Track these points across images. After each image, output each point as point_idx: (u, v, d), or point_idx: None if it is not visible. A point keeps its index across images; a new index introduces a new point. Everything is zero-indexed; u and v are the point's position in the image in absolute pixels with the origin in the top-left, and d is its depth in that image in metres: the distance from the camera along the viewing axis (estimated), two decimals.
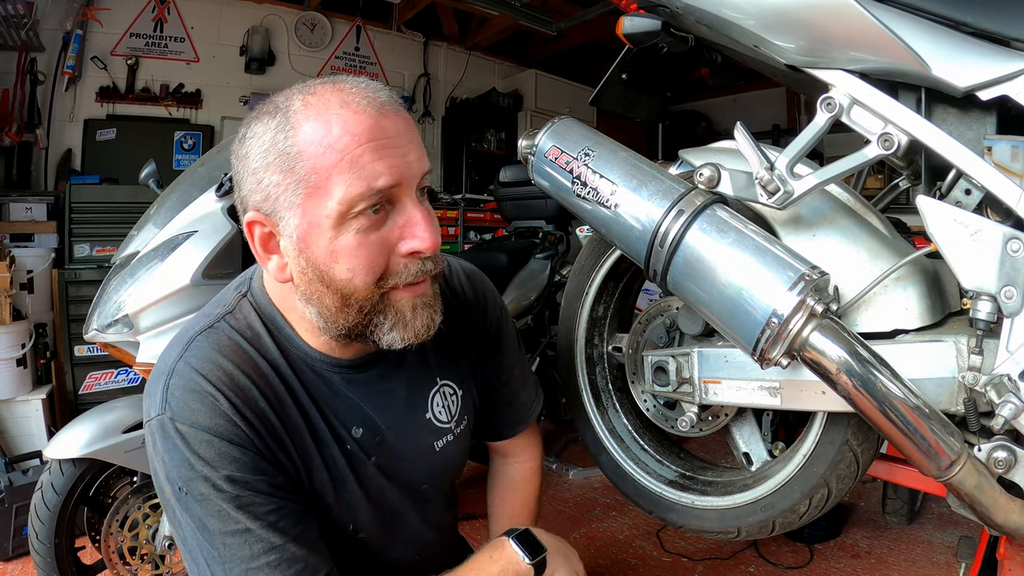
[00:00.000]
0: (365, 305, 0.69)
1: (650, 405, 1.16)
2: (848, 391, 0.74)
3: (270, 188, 0.65)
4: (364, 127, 0.64)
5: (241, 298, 0.78)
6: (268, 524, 0.67)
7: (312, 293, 0.69)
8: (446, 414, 0.88)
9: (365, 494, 0.81)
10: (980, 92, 0.75)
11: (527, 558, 0.80)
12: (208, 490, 0.65)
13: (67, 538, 1.48)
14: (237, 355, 0.72)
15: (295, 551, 0.67)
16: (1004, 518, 0.76)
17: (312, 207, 0.64)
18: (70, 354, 2.89)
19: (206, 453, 0.65)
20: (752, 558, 1.95)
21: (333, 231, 0.65)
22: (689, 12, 0.97)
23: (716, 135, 1.08)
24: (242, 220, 0.70)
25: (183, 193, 1.60)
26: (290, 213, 0.65)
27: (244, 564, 0.65)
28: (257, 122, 0.67)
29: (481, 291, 0.95)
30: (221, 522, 0.65)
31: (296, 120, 0.64)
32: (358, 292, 0.68)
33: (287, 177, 0.64)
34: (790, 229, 0.92)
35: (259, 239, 0.69)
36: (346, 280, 0.67)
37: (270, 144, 0.65)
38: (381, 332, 0.71)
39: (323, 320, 0.71)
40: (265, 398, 0.71)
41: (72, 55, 3.50)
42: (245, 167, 0.67)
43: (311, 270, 0.67)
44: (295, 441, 0.74)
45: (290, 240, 0.67)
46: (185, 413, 0.66)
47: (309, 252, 0.66)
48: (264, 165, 0.65)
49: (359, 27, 4.66)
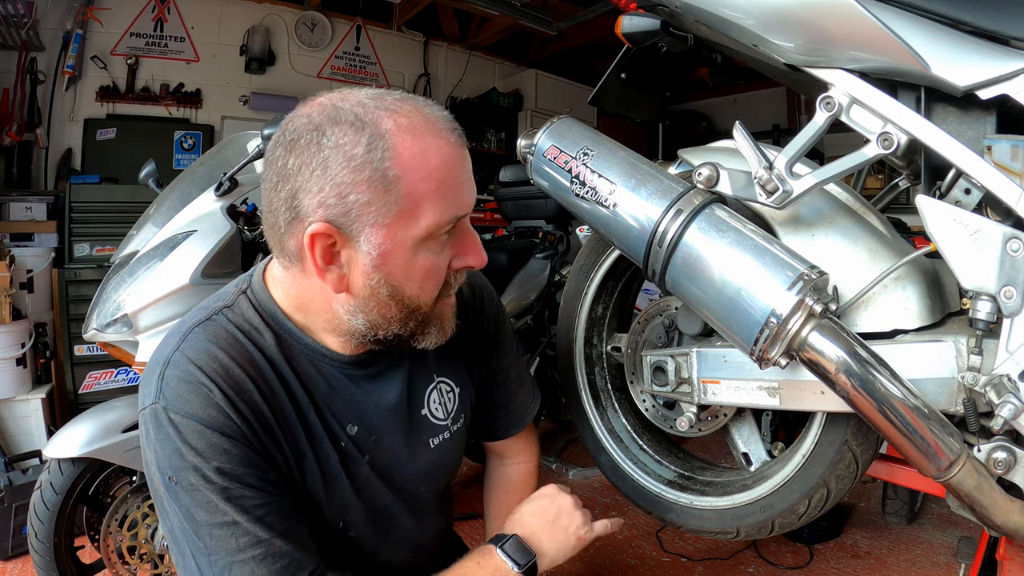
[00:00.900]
0: (424, 317, 0.74)
1: (649, 405, 1.16)
2: (847, 391, 0.73)
3: (355, 205, 0.64)
4: (455, 159, 0.68)
5: (240, 294, 0.78)
6: (256, 518, 0.67)
7: (375, 306, 0.70)
8: (442, 411, 0.89)
9: (356, 493, 0.80)
10: (980, 91, 0.75)
11: (515, 567, 0.79)
12: (197, 480, 0.65)
13: (66, 537, 1.48)
14: (233, 348, 0.72)
15: (281, 546, 0.67)
16: (1004, 519, 0.76)
17: (400, 228, 0.66)
18: (70, 353, 2.88)
19: (197, 443, 0.66)
20: (752, 558, 1.95)
21: (412, 251, 0.68)
22: (688, 11, 0.97)
23: (716, 135, 1.08)
24: (293, 226, 0.66)
25: (183, 193, 1.60)
26: (373, 231, 0.65)
27: (230, 556, 0.65)
28: (336, 131, 0.63)
29: (479, 290, 0.96)
30: (209, 513, 0.65)
31: (394, 142, 0.64)
32: (423, 307, 0.72)
33: (380, 197, 0.64)
34: (789, 229, 0.92)
35: (322, 251, 0.66)
36: (415, 296, 0.71)
37: (363, 160, 0.63)
38: (425, 338, 0.76)
39: (371, 329, 0.72)
40: (260, 392, 0.71)
41: (72, 55, 3.50)
42: (323, 175, 0.63)
43: (386, 287, 0.69)
44: (288, 436, 0.74)
45: (367, 256, 0.67)
46: (179, 403, 0.67)
47: (386, 269, 0.68)
48: (353, 181, 0.63)
49: (359, 27, 4.66)
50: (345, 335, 0.75)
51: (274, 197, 0.67)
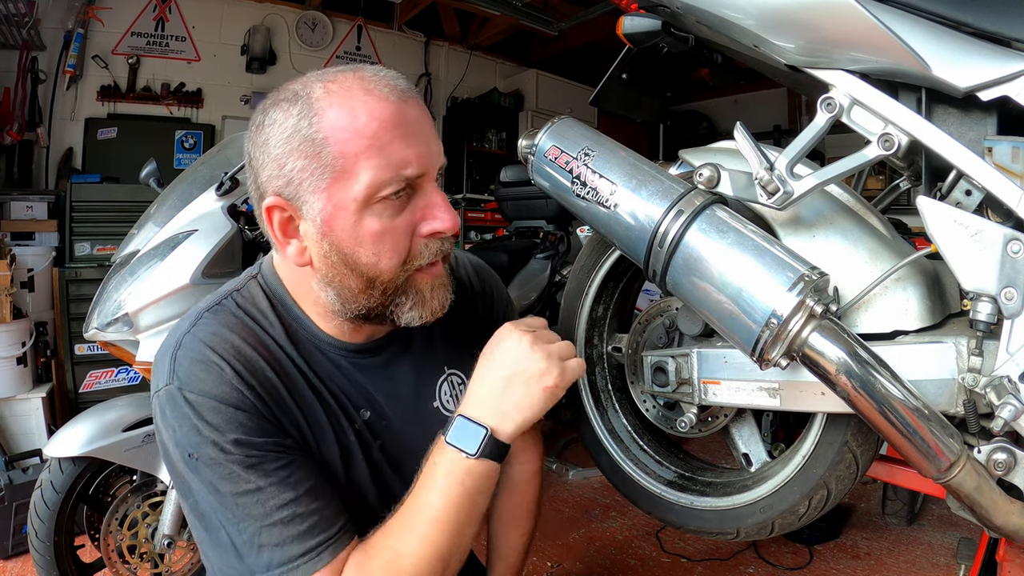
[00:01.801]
0: (389, 287, 0.71)
1: (649, 406, 1.16)
2: (848, 392, 0.73)
3: (293, 173, 0.66)
4: (389, 114, 0.66)
5: (251, 279, 0.80)
6: (278, 480, 0.67)
7: (334, 276, 0.71)
8: (454, 403, 0.89)
9: (371, 477, 0.80)
10: (981, 93, 0.74)
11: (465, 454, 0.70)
12: (217, 454, 0.66)
13: (66, 536, 1.48)
14: (243, 331, 0.73)
15: (308, 504, 0.68)
16: (1003, 520, 0.76)
17: (338, 191, 0.66)
18: (70, 353, 2.89)
19: (213, 419, 0.66)
20: (751, 559, 1.95)
21: (357, 215, 0.67)
22: (689, 12, 0.97)
23: (717, 136, 1.08)
24: (259, 207, 0.71)
25: (183, 192, 1.60)
26: (314, 197, 0.67)
27: (258, 522, 0.66)
28: (275, 109, 0.68)
29: (488, 283, 0.96)
30: (232, 483, 0.66)
31: (320, 106, 0.65)
32: (384, 275, 0.70)
33: (312, 162, 0.65)
34: (790, 230, 0.92)
35: (279, 224, 0.70)
36: (371, 264, 0.69)
37: (293, 130, 0.66)
38: (401, 312, 0.74)
39: (341, 302, 0.72)
40: (273, 370, 0.72)
41: (73, 54, 3.51)
42: (265, 153, 0.68)
43: (335, 253, 0.69)
44: (305, 411, 0.74)
45: (313, 224, 0.68)
46: (192, 382, 0.68)
47: (333, 236, 0.68)
48: (287, 151, 0.66)
49: (360, 26, 4.66)
50: (333, 316, 0.76)
51: (249, 185, 0.72)
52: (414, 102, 0.70)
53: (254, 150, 0.70)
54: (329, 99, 0.66)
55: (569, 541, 2.10)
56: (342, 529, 0.70)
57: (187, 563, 1.63)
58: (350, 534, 0.71)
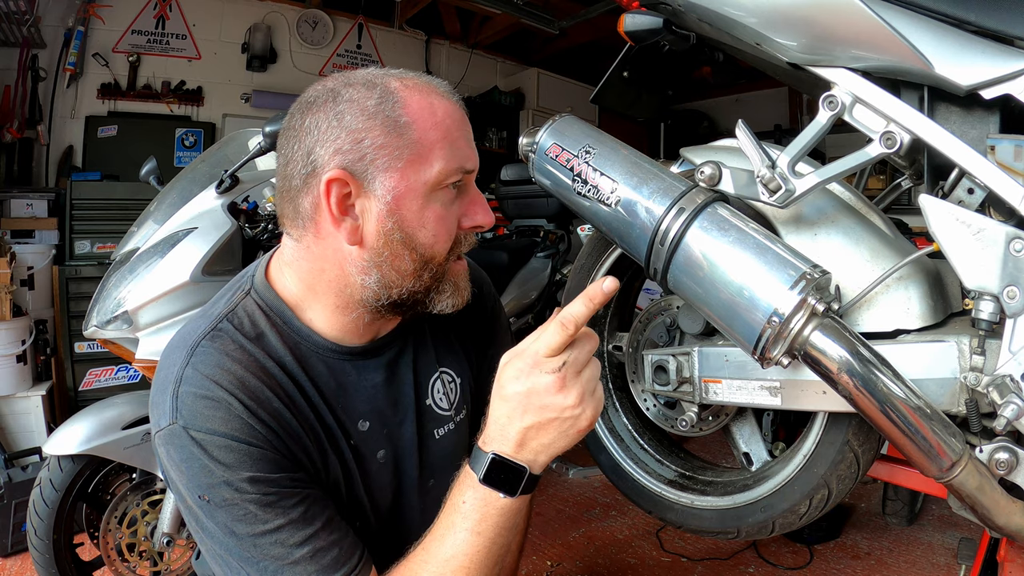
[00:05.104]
0: (438, 271, 0.75)
1: (650, 404, 1.16)
2: (849, 391, 0.73)
3: (369, 149, 0.68)
4: (457, 115, 0.74)
5: (244, 296, 0.77)
6: (297, 517, 0.66)
7: (388, 256, 0.71)
8: (446, 401, 0.88)
9: (368, 492, 0.80)
10: (983, 91, 0.74)
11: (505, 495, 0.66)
12: (232, 494, 0.64)
13: (66, 534, 1.48)
14: (245, 357, 0.71)
15: (327, 539, 0.67)
16: (1005, 520, 0.76)
17: (412, 172, 0.69)
18: (70, 350, 2.89)
19: (225, 458, 0.64)
20: (752, 558, 1.95)
21: (424, 198, 0.71)
22: (691, 10, 0.97)
23: (718, 135, 1.08)
24: (317, 179, 0.68)
25: (183, 190, 1.60)
26: (386, 175, 0.69)
27: (279, 561, 0.65)
28: (351, 90, 0.70)
29: (477, 282, 0.96)
30: (249, 524, 0.65)
31: (403, 95, 0.70)
32: (437, 257, 0.74)
33: (393, 140, 0.68)
34: (791, 228, 0.92)
35: (336, 199, 0.69)
36: (429, 244, 0.72)
37: (376, 109, 0.68)
38: (441, 297, 0.77)
39: (382, 286, 0.73)
40: (279, 398, 0.71)
41: (74, 52, 3.50)
42: (339, 124, 0.68)
43: (398, 231, 0.70)
44: (311, 437, 0.73)
45: (381, 201, 0.69)
46: (199, 420, 0.65)
47: (400, 214, 0.70)
48: (368, 126, 0.68)
49: (361, 25, 4.66)
50: (357, 307, 0.75)
51: (291, 160, 0.71)
52: (465, 112, 0.76)
53: (318, 123, 0.69)
54: (409, 92, 0.70)
55: (569, 540, 2.10)
56: (361, 558, 0.70)
57: (186, 561, 1.63)
58: (369, 563, 0.71)
